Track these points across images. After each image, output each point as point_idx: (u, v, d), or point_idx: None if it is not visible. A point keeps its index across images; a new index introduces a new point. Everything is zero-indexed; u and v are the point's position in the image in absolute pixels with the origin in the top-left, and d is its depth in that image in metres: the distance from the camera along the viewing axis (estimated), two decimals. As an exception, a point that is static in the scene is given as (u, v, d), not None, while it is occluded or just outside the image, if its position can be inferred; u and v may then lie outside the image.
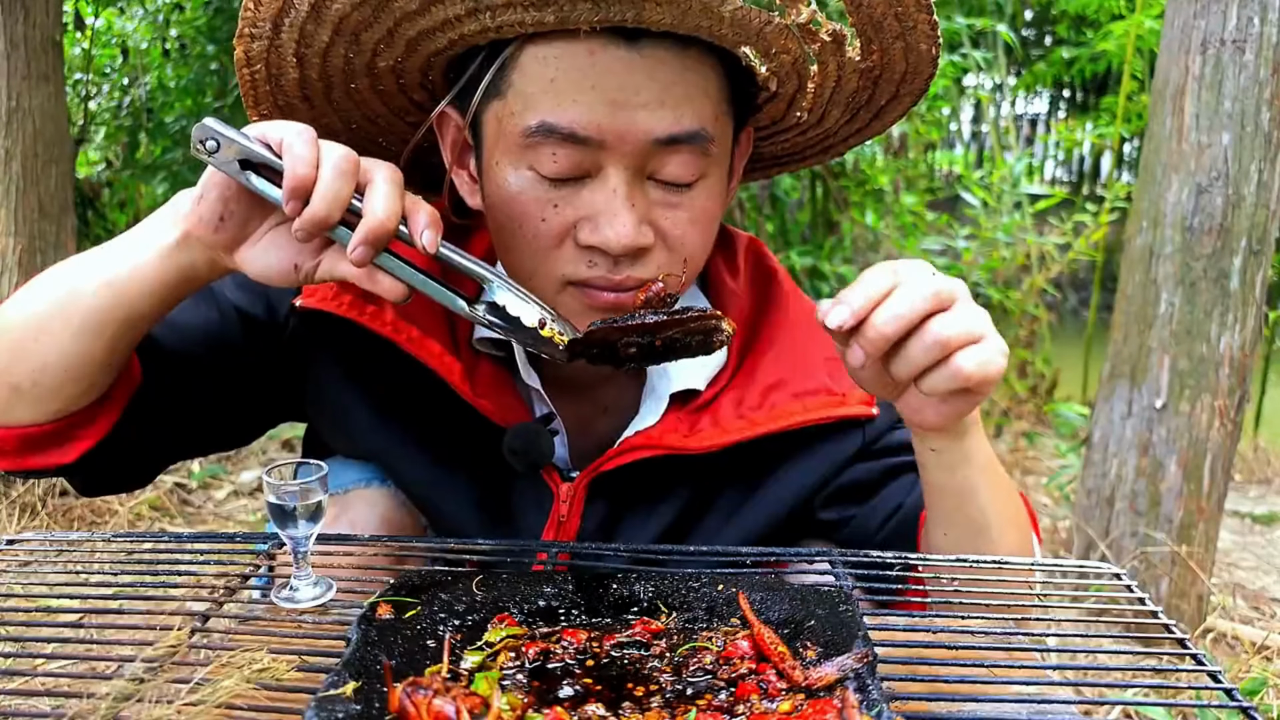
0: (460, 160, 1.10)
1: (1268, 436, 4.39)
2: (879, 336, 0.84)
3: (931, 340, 0.83)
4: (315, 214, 0.85)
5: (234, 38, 0.99)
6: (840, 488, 1.17)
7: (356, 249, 0.86)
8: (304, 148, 0.85)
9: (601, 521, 1.14)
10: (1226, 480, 2.45)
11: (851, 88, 1.05)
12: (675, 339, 0.96)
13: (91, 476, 1.07)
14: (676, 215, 1.00)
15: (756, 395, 1.14)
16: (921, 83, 1.06)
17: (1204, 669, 0.80)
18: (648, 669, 0.79)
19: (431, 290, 0.93)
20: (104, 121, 4.91)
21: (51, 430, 1.01)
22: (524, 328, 0.93)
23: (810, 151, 1.24)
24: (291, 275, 0.93)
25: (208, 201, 0.90)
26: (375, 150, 1.18)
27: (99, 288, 0.94)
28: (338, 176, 0.85)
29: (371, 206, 0.86)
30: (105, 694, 0.68)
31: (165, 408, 1.08)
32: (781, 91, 1.05)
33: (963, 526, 1.03)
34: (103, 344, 0.96)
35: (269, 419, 1.21)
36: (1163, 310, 2.39)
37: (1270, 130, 2.26)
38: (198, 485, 3.25)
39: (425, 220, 0.88)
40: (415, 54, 1.01)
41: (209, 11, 4.23)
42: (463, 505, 1.14)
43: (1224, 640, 2.46)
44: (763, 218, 4.37)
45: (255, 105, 1.05)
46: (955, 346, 0.83)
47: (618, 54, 0.93)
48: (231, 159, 0.88)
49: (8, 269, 2.87)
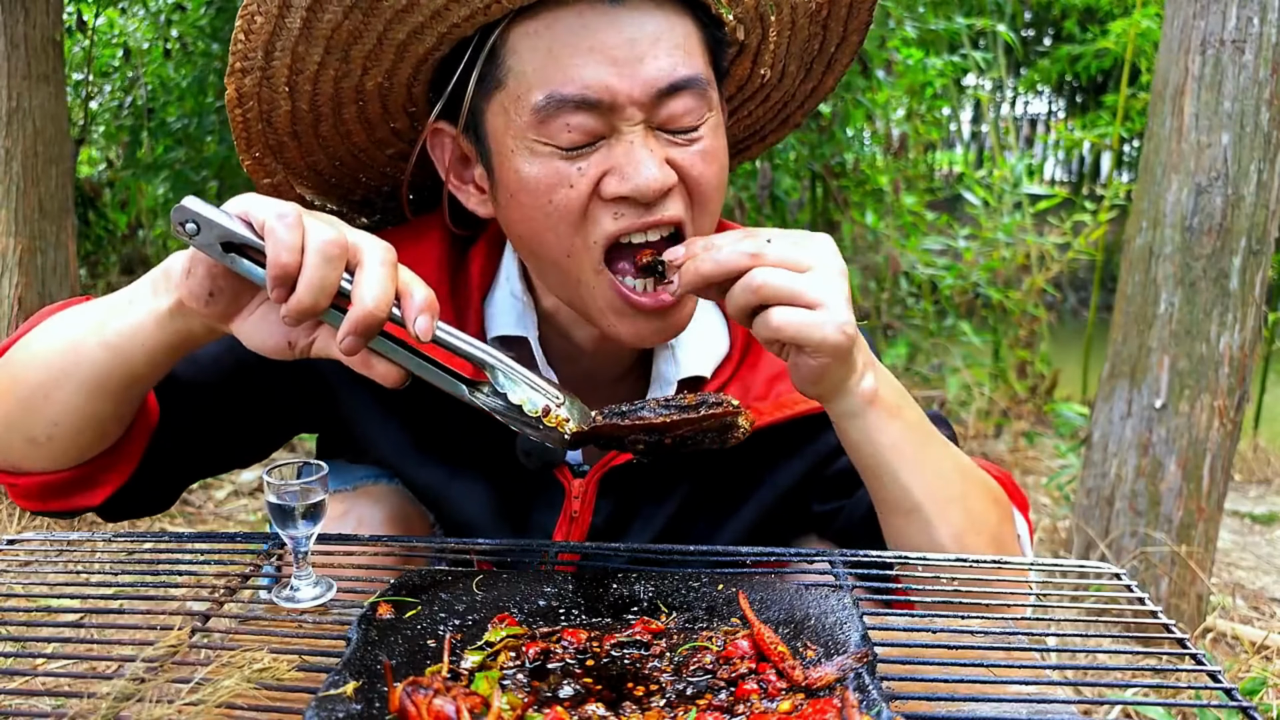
0: (460, 175, 1.11)
1: (1268, 436, 4.40)
2: (694, 271, 0.93)
3: (746, 285, 0.92)
4: (301, 303, 0.81)
5: (225, 75, 1.00)
6: (829, 478, 1.19)
7: (345, 339, 0.82)
8: (287, 233, 0.81)
9: (611, 515, 1.15)
10: (1226, 480, 2.45)
11: (804, 35, 1.13)
12: (686, 438, 0.91)
13: (116, 509, 1.09)
14: (689, 153, 1.01)
15: (762, 385, 1.15)
16: (866, 13, 1.14)
17: (1203, 669, 0.80)
18: (648, 669, 0.79)
19: (429, 375, 0.89)
20: (104, 121, 4.92)
21: (74, 477, 1.02)
22: (526, 416, 0.90)
23: (770, 125, 1.28)
24: (286, 351, 0.91)
25: (195, 278, 0.88)
26: (359, 188, 1.19)
27: (100, 349, 0.94)
28: (324, 263, 0.81)
29: (360, 294, 0.82)
30: (106, 694, 0.68)
31: (185, 439, 1.09)
32: (747, 44, 1.11)
33: (890, 508, 1.04)
34: (109, 402, 0.97)
35: (286, 433, 1.22)
36: (1162, 310, 2.39)
37: (1270, 130, 2.26)
38: (198, 485, 3.25)
39: (419, 304, 0.84)
40: (404, 62, 1.02)
41: (211, 11, 4.23)
42: (476, 505, 1.14)
43: (1224, 640, 2.46)
44: (763, 218, 4.38)
45: (248, 148, 1.05)
46: (771, 300, 0.91)
47: (604, 11, 0.96)
48: (213, 241, 0.84)
49: (8, 269, 2.87)
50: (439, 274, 1.12)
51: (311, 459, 1.00)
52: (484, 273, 1.14)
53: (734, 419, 0.91)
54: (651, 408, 0.90)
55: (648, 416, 0.90)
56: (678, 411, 0.90)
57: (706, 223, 1.05)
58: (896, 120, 4.59)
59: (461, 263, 1.15)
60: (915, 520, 1.03)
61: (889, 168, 4.56)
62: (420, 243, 1.14)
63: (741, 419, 0.91)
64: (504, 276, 1.14)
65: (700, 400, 0.91)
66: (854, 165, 4.49)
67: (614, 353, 1.16)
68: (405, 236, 1.15)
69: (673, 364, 1.16)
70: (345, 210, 1.22)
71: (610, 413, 0.91)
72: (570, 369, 1.16)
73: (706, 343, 1.18)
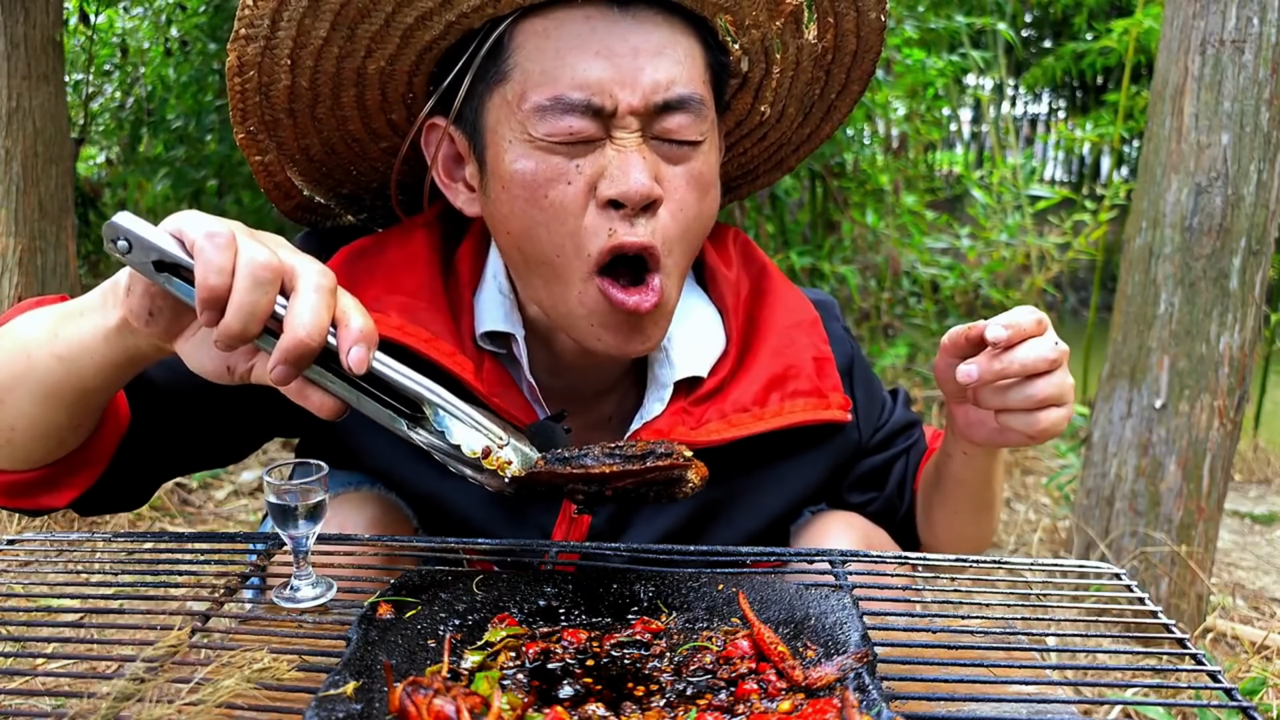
0: (450, 173, 1.11)
1: (1268, 436, 4.39)
2: (998, 373, 0.98)
3: (1032, 393, 0.98)
4: (230, 329, 0.78)
5: (230, 41, 0.99)
6: (859, 477, 1.30)
7: (275, 368, 0.79)
8: (216, 253, 0.77)
9: (612, 515, 1.15)
10: (1226, 480, 2.45)
11: (807, 77, 1.15)
12: (627, 490, 0.87)
13: (87, 506, 1.08)
14: (677, 175, 1.02)
15: (759, 390, 1.15)
16: (869, 64, 1.17)
17: (1203, 669, 0.80)
18: (648, 669, 0.79)
19: (368, 408, 0.86)
20: (105, 121, 4.91)
21: (38, 478, 1.01)
22: (464, 457, 0.86)
23: (763, 167, 1.30)
24: (226, 376, 0.88)
25: (134, 296, 0.85)
26: (349, 181, 1.19)
27: (50, 360, 0.92)
28: (254, 287, 0.77)
29: (291, 321, 0.78)
30: (105, 694, 0.68)
31: (160, 439, 1.09)
32: (750, 77, 1.13)
33: (971, 508, 1.21)
34: (63, 411, 0.95)
35: (264, 436, 1.21)
36: (1162, 310, 2.39)
37: (1269, 130, 2.26)
38: (198, 485, 3.25)
39: (355, 334, 0.80)
40: (408, 47, 1.03)
41: (210, 9, 4.23)
42: (474, 505, 1.14)
43: (1224, 640, 2.46)
44: (763, 218, 4.38)
45: (243, 120, 1.05)
46: (1046, 405, 0.99)
47: (613, 18, 0.97)
48: (145, 260, 0.80)
49: (8, 269, 2.87)
50: (430, 272, 1.12)
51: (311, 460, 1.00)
52: (473, 270, 1.14)
53: (682, 472, 0.86)
54: (595, 455, 0.86)
55: (589, 465, 0.85)
56: (622, 461, 0.86)
57: (682, 251, 1.04)
58: (896, 120, 4.58)
59: (451, 262, 1.15)
60: (985, 516, 1.22)
61: (889, 167, 4.56)
62: (409, 242, 1.14)
63: (691, 473, 0.87)
64: (490, 274, 1.14)
65: (649, 449, 0.87)
66: (854, 165, 4.49)
67: (599, 364, 1.16)
68: (394, 236, 1.15)
69: (668, 366, 1.16)
70: (333, 204, 1.22)
71: (552, 458, 0.87)
72: (556, 381, 1.16)
73: (702, 342, 1.18)
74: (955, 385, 1.04)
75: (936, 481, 1.24)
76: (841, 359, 1.24)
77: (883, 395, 1.34)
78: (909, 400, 1.38)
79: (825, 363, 1.20)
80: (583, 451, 0.87)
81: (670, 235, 1.01)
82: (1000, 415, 1.02)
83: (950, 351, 1.04)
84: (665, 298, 1.02)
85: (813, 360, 1.19)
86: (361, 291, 1.07)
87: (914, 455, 1.33)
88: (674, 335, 1.16)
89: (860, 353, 1.30)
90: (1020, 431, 1.01)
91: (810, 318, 1.23)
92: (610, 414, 1.20)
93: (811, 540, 1.19)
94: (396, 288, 1.10)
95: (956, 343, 1.03)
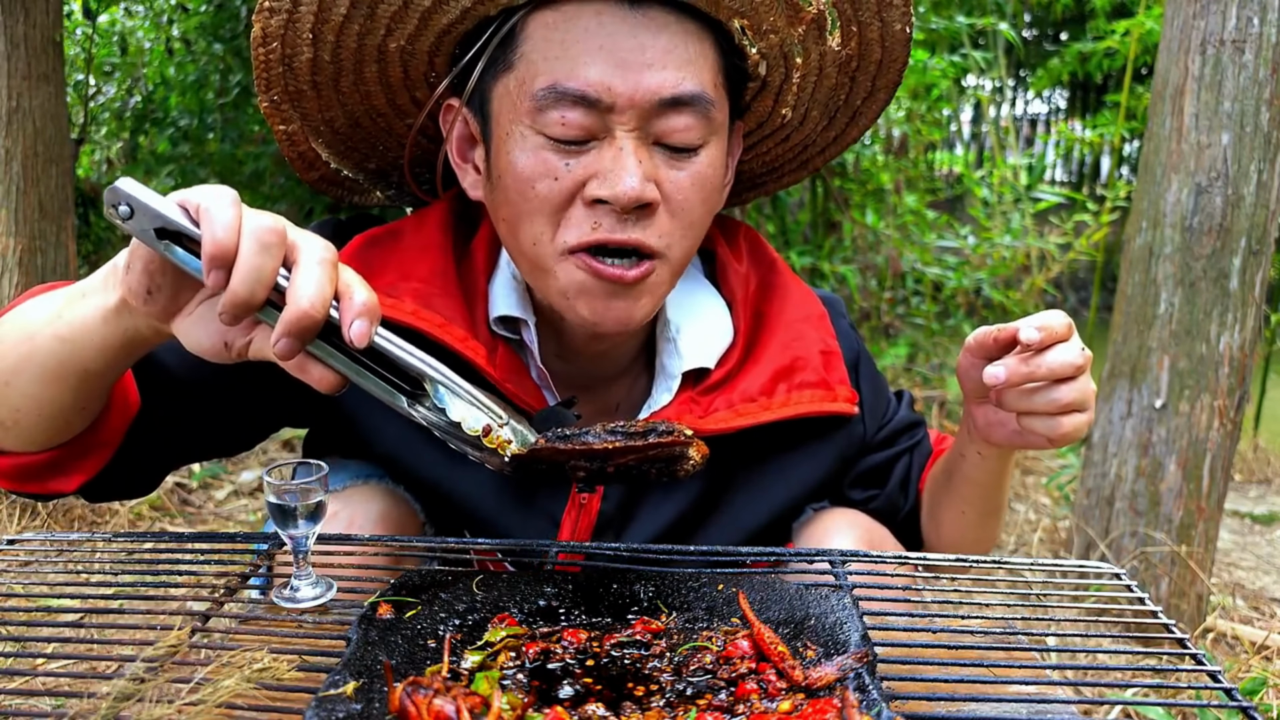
0: (464, 154, 1.12)
1: (1268, 436, 4.39)
2: (1026, 375, 0.98)
3: (1056, 397, 0.99)
4: (236, 295, 0.77)
5: (254, 12, 1.01)
6: (861, 474, 1.30)
7: (279, 341, 0.78)
8: (223, 212, 0.77)
9: (620, 503, 1.15)
10: (1226, 480, 2.45)
11: (830, 83, 1.13)
12: (630, 467, 0.87)
13: (95, 492, 1.08)
14: (679, 177, 1.02)
15: (766, 381, 1.16)
16: (895, 73, 1.14)
17: (1204, 669, 0.80)
18: (648, 669, 0.79)
19: (368, 383, 0.85)
20: (106, 121, 4.91)
21: (47, 460, 1.01)
22: (464, 434, 0.86)
23: (788, 166, 1.30)
24: (223, 353, 0.87)
25: (134, 273, 0.84)
26: (375, 156, 1.19)
27: (53, 340, 0.92)
28: (260, 250, 0.77)
29: (294, 293, 0.78)
30: (105, 694, 0.68)
31: (169, 425, 1.09)
32: (769, 81, 1.12)
33: (980, 510, 1.22)
34: (68, 392, 0.95)
35: (274, 426, 1.22)
36: (1162, 310, 2.39)
37: (1270, 130, 2.26)
38: (198, 485, 3.25)
39: (358, 307, 0.80)
40: (427, 30, 1.04)
41: (211, 9, 4.23)
42: (483, 492, 1.14)
43: (1224, 640, 2.45)
44: (763, 218, 4.38)
45: (267, 89, 1.06)
46: (1069, 410, 0.99)
47: (624, 15, 0.97)
48: (147, 227, 0.79)
49: (8, 269, 2.87)
50: (444, 259, 1.12)
51: (311, 459, 1.00)
52: (489, 256, 1.15)
53: (683, 449, 0.86)
54: (596, 433, 0.86)
55: (590, 442, 0.85)
56: (624, 438, 0.86)
57: (681, 249, 1.04)
58: (897, 120, 4.58)
59: (466, 248, 1.16)
60: (994, 517, 1.23)
61: (890, 167, 4.56)
62: (424, 230, 1.14)
63: (692, 450, 0.87)
64: (504, 260, 1.15)
65: (650, 428, 0.87)
66: (854, 165, 4.48)
67: (607, 351, 1.16)
68: (409, 224, 1.16)
69: (675, 356, 1.16)
70: (361, 178, 1.24)
71: (553, 436, 0.87)
72: (566, 367, 1.17)
73: (710, 334, 1.18)
74: (977, 385, 1.04)
75: (946, 482, 1.24)
76: (848, 354, 1.25)
77: (888, 393, 1.35)
78: (913, 403, 1.39)
79: (832, 356, 1.21)
80: (585, 430, 0.88)
81: (670, 234, 1.02)
82: (1023, 418, 1.02)
83: (977, 352, 1.04)
84: (654, 280, 1.03)
85: (820, 353, 1.20)
86: (376, 278, 1.07)
87: (918, 456, 1.33)
88: (683, 327, 1.17)
89: (866, 350, 1.31)
90: (1042, 435, 1.01)
91: (818, 312, 1.24)
92: (619, 402, 1.21)
93: (814, 537, 1.19)
94: (411, 274, 1.10)
95: (984, 344, 1.03)
